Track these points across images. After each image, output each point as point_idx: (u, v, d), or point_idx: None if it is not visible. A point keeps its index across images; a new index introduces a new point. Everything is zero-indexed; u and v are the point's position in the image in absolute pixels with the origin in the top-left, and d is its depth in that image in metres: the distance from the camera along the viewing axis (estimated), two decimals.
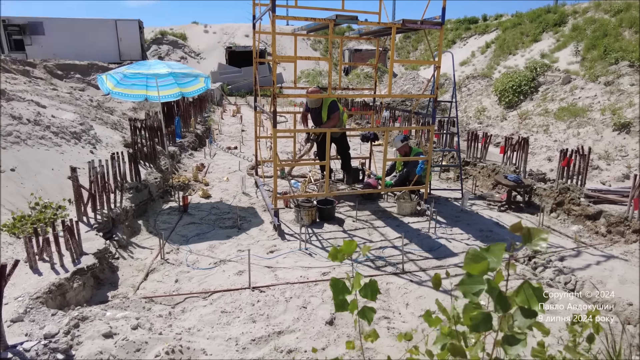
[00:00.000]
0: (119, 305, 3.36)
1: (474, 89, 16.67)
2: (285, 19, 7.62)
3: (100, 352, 2.65)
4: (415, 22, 5.33)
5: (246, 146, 10.52)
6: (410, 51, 29.67)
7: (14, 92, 8.07)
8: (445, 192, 7.06)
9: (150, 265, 4.25)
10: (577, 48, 15.37)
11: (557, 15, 19.11)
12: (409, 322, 3.39)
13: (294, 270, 4.22)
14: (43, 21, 21.13)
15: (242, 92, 22.87)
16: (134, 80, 6.80)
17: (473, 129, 11.87)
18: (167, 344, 2.84)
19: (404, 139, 6.53)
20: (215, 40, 30.70)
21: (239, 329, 3.21)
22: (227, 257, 4.50)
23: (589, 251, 4.70)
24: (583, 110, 11.27)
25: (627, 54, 12.77)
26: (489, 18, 26.22)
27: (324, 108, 6.25)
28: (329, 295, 3.70)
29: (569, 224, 5.61)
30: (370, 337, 1.31)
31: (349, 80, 23.10)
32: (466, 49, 23.41)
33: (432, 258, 4.59)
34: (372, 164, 7.61)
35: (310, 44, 31.16)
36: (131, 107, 12.07)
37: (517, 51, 19.00)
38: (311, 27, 6.10)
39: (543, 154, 9.75)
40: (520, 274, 4.20)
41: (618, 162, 8.60)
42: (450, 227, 5.48)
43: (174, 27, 31.48)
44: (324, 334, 3.17)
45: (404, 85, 19.11)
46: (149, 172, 6.51)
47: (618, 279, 3.95)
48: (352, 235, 5.18)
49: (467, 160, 7.97)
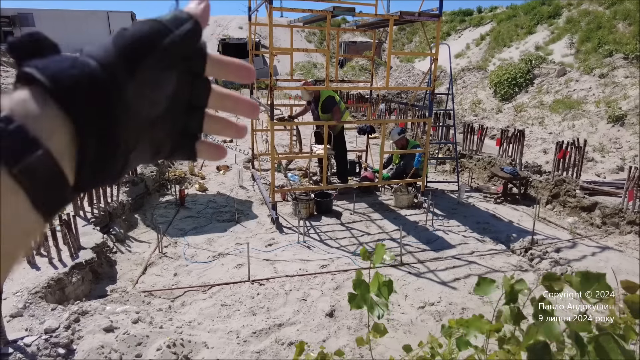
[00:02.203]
0: (119, 300, 3.36)
1: (469, 81, 16.69)
2: (280, 11, 7.57)
3: (102, 347, 2.64)
4: (413, 14, 5.31)
5: (241, 139, 10.47)
6: (405, 43, 29.59)
7: (5, 84, 7.95)
8: (442, 185, 7.09)
9: (149, 259, 4.24)
10: (572, 40, 15.40)
11: (551, 7, 19.12)
12: (408, 313, 3.41)
13: (293, 263, 4.23)
14: (33, 12, 20.81)
15: (237, 85, 22.72)
16: None
17: (469, 121, 11.90)
18: (168, 338, 2.84)
19: (401, 132, 6.53)
20: (209, 32, 30.37)
21: (239, 321, 3.22)
22: (226, 250, 4.50)
23: (585, 242, 4.75)
24: (578, 102, 11.33)
25: (621, 47, 12.82)
26: (483, 10, 26.18)
27: (320, 103, 6.20)
28: (328, 288, 3.72)
29: (564, 215, 5.66)
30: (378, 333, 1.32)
31: (344, 72, 23.01)
32: (461, 41, 23.39)
33: (429, 250, 4.62)
34: (369, 157, 7.62)
35: (304, 36, 30.95)
36: None
37: (512, 43, 19.02)
38: (307, 19, 6.05)
39: (538, 146, 9.80)
40: (517, 266, 4.24)
41: (612, 154, 8.67)
42: (447, 220, 5.51)
43: None
44: (324, 326, 3.19)
45: (399, 78, 19.07)
46: (144, 166, 6.47)
47: (613, 270, 4.00)
48: (350, 228, 5.19)
49: (463, 152, 7.99)
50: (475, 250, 4.60)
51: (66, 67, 0.30)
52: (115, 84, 0.31)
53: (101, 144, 0.31)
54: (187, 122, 0.39)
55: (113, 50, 0.32)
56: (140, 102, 0.33)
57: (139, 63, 0.33)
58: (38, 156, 0.28)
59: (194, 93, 0.38)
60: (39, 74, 0.29)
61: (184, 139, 0.39)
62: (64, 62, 0.30)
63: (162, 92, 0.35)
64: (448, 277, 4.00)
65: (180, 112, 0.38)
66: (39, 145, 0.28)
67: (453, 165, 7.78)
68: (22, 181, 0.27)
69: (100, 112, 0.30)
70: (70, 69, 0.30)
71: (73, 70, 0.30)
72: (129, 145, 0.33)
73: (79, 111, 0.30)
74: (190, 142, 0.40)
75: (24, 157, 0.27)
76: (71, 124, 0.29)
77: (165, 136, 0.38)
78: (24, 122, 0.28)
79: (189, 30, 0.35)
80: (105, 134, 0.31)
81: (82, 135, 0.30)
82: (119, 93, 0.31)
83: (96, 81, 0.30)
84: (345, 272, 4.02)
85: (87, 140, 0.30)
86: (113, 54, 0.32)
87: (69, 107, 0.29)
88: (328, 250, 4.54)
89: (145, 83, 0.33)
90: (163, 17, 0.36)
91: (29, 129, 0.28)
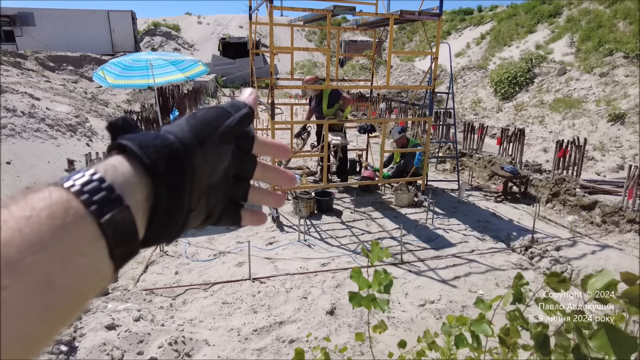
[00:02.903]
0: (120, 298, 3.37)
1: (470, 80, 16.68)
2: (280, 10, 7.56)
3: (104, 344, 2.66)
4: (413, 13, 5.32)
5: None
6: (405, 42, 29.58)
7: (6, 84, 7.96)
8: (442, 184, 7.10)
9: (150, 258, 4.25)
10: (572, 39, 15.40)
11: (552, 6, 19.11)
12: (409, 311, 3.43)
13: (294, 261, 4.25)
14: (33, 12, 20.79)
15: (237, 84, 22.73)
16: (133, 72, 6.74)
17: (469, 120, 11.90)
18: (170, 335, 2.86)
19: (402, 131, 6.54)
20: (209, 31, 30.39)
21: (240, 319, 3.23)
22: (227, 248, 4.52)
23: (585, 241, 4.76)
24: (578, 101, 11.33)
25: (621, 45, 12.82)
26: (484, 9, 26.18)
27: (325, 98, 6.18)
28: (328, 286, 3.74)
29: (564, 214, 5.67)
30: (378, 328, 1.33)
31: (344, 71, 23.01)
32: (461, 40, 23.39)
33: (430, 248, 4.63)
34: (370, 156, 7.63)
35: (305, 35, 30.94)
36: (125, 100, 11.98)
37: (512, 42, 19.02)
38: (308, 18, 6.06)
39: (539, 145, 9.81)
40: (517, 264, 4.26)
41: (613, 153, 8.67)
42: (448, 218, 5.53)
43: (167, 18, 31.10)
44: (325, 323, 3.20)
45: (399, 77, 19.07)
46: None
47: (613, 268, 4.01)
48: (351, 226, 5.21)
49: (464, 151, 8.00)
50: (475, 249, 4.61)
51: (151, 140, 0.36)
52: (188, 154, 0.38)
53: (171, 202, 0.37)
54: (235, 191, 0.46)
55: (187, 128, 0.39)
56: (204, 169, 0.40)
57: (206, 139, 0.40)
58: (121, 211, 0.32)
59: (242, 167, 0.46)
60: (131, 143, 0.35)
61: (230, 206, 0.47)
62: (149, 136, 0.37)
63: (220, 163, 0.42)
64: (448, 276, 4.01)
65: (230, 183, 0.45)
66: (122, 202, 0.33)
67: (453, 164, 7.79)
68: (106, 231, 0.31)
69: (175, 176, 0.37)
70: (154, 141, 0.36)
71: (156, 141, 0.36)
72: (191, 206, 0.39)
73: (159, 174, 0.36)
74: (236, 209, 0.48)
75: (111, 211, 0.32)
76: (149, 185, 0.35)
77: (216, 202, 0.44)
78: (114, 182, 0.33)
79: (244, 115, 0.44)
80: (175, 194, 0.37)
81: (157, 194, 0.36)
82: (191, 162, 0.38)
83: (174, 151, 0.37)
84: (345, 271, 4.03)
85: (160, 198, 0.36)
86: (187, 130, 0.39)
87: (151, 170, 0.35)
88: (328, 249, 4.55)
89: (209, 154, 0.40)
90: (225, 104, 0.44)
91: (116, 188, 0.33)
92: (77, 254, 0.30)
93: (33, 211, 0.29)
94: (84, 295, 0.31)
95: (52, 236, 0.29)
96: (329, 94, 6.13)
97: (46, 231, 0.28)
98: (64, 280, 0.29)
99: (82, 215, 0.31)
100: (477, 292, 3.72)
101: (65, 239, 0.29)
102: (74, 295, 0.30)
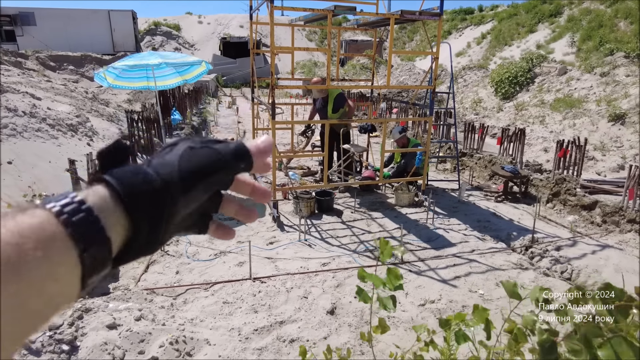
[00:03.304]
0: (121, 297, 3.38)
1: (470, 80, 16.68)
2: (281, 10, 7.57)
3: (105, 343, 2.67)
4: (414, 13, 5.31)
5: (242, 137, 10.49)
6: (405, 42, 29.58)
7: (7, 84, 7.97)
8: (443, 183, 7.10)
9: (151, 257, 4.26)
10: (573, 39, 15.39)
11: (552, 6, 19.10)
12: (409, 311, 3.43)
13: (294, 261, 4.25)
14: (34, 11, 20.81)
15: (237, 84, 22.74)
16: (132, 73, 6.76)
17: (470, 120, 11.90)
18: (171, 335, 2.86)
19: (402, 131, 6.54)
20: (210, 31, 30.41)
21: (241, 319, 3.24)
22: (227, 248, 4.52)
23: (585, 241, 4.77)
24: (579, 101, 11.33)
25: (622, 45, 12.81)
26: (484, 9, 26.17)
27: (330, 101, 6.15)
28: (329, 286, 3.74)
29: (565, 214, 5.67)
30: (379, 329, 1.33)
31: (344, 71, 23.01)
32: (462, 39, 23.38)
33: (430, 248, 4.64)
34: (370, 156, 7.63)
35: (305, 34, 30.95)
36: (126, 99, 11.99)
37: (513, 42, 19.01)
38: (309, 18, 6.06)
39: (539, 144, 9.81)
40: (517, 264, 4.26)
41: (613, 153, 8.67)
42: (448, 218, 5.53)
43: (167, 17, 31.13)
44: (326, 323, 3.21)
45: (400, 77, 19.07)
46: None
47: (613, 268, 4.02)
48: (351, 226, 5.21)
49: (464, 151, 8.00)
50: (475, 249, 4.62)
51: (137, 183, 0.39)
52: (170, 199, 0.40)
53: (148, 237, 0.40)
54: (208, 206, 0.48)
55: (177, 172, 0.41)
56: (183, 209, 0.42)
57: (192, 188, 0.42)
58: (102, 243, 0.35)
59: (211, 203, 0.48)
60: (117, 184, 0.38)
61: (201, 218, 0.49)
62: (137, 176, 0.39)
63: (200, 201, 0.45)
64: (448, 275, 4.02)
65: (205, 200, 0.46)
66: (104, 235, 0.35)
67: (454, 164, 7.80)
68: (85, 261, 0.34)
69: (153, 217, 0.39)
70: (140, 185, 0.39)
71: (143, 186, 0.39)
72: (166, 233, 0.42)
73: (139, 215, 0.38)
74: (205, 221, 0.50)
75: (94, 244, 0.34)
76: (130, 222, 0.38)
77: (188, 216, 0.45)
78: (99, 215, 0.35)
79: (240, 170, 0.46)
80: (152, 230, 0.40)
81: (136, 230, 0.38)
82: (171, 207, 0.40)
83: (156, 196, 0.39)
84: (346, 270, 4.04)
85: (139, 234, 0.39)
86: (176, 175, 0.41)
87: (133, 211, 0.38)
88: (329, 249, 4.56)
89: (191, 199, 0.43)
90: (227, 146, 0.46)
91: (100, 220, 0.35)
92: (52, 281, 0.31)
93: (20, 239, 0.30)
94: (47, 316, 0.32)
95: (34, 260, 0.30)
96: (334, 98, 6.08)
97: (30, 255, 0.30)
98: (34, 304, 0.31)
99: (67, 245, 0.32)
100: (477, 292, 3.72)
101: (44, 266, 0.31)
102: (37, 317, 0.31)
